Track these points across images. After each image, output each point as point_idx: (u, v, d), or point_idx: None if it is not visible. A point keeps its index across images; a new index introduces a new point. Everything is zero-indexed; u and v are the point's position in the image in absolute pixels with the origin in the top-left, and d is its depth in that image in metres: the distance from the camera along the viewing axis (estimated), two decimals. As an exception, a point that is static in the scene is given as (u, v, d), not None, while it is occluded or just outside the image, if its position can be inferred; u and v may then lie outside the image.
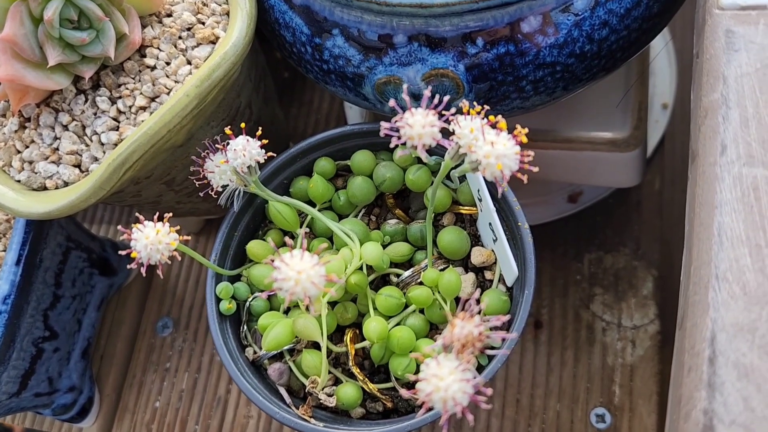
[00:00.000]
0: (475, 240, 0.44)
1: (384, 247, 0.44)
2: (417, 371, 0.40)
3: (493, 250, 0.42)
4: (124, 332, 0.63)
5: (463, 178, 0.44)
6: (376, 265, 0.42)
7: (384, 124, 0.32)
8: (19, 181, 0.44)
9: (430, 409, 0.28)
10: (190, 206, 0.54)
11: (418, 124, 0.32)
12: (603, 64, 0.40)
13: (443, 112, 0.32)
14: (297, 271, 0.30)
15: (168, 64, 0.43)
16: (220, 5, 0.45)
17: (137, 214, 0.36)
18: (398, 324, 0.41)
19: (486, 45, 0.38)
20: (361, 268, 0.42)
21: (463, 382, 0.28)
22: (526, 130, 0.32)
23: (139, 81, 0.43)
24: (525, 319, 0.39)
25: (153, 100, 0.43)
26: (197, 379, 0.60)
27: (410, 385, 0.41)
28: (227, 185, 0.43)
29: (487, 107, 0.33)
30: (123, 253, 0.35)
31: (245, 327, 0.44)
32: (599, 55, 0.40)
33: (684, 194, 0.59)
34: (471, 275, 0.43)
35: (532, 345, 0.57)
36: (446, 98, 0.32)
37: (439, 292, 0.41)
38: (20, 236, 0.49)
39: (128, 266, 0.34)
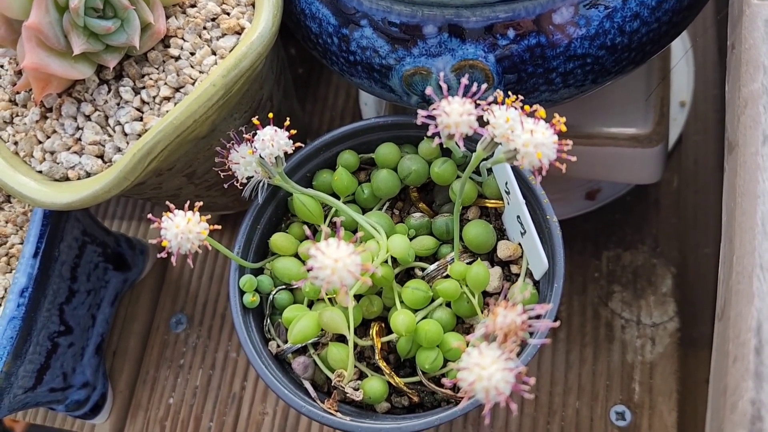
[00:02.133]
0: (501, 234, 0.44)
1: (409, 240, 0.43)
2: (444, 365, 0.40)
3: (519, 244, 0.42)
4: (137, 328, 0.62)
5: (490, 171, 0.43)
6: (402, 258, 0.41)
7: (421, 112, 0.32)
8: (40, 171, 0.43)
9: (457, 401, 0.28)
10: (207, 200, 0.53)
11: (455, 112, 0.32)
12: (633, 57, 0.40)
13: (478, 102, 0.32)
14: (334, 259, 0.30)
15: (192, 54, 0.43)
16: (245, -5, 0.44)
17: (168, 203, 0.35)
18: (425, 317, 0.41)
19: (517, 36, 0.38)
20: (386, 261, 0.42)
21: (506, 371, 0.27)
22: (564, 119, 0.31)
23: (163, 71, 0.43)
24: (555, 312, 0.39)
25: (177, 90, 0.42)
26: (211, 376, 0.60)
27: (436, 380, 0.41)
28: (251, 177, 0.42)
29: (521, 96, 0.32)
30: (153, 242, 0.34)
31: (268, 320, 0.44)
32: (630, 47, 0.39)
33: (699, 194, 0.59)
34: (497, 269, 0.42)
35: (550, 342, 0.56)
36: (484, 86, 0.32)
37: (466, 285, 0.41)
38: (38, 228, 0.48)
39: (158, 255, 0.34)
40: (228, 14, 0.44)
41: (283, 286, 0.44)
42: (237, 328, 0.42)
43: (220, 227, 0.36)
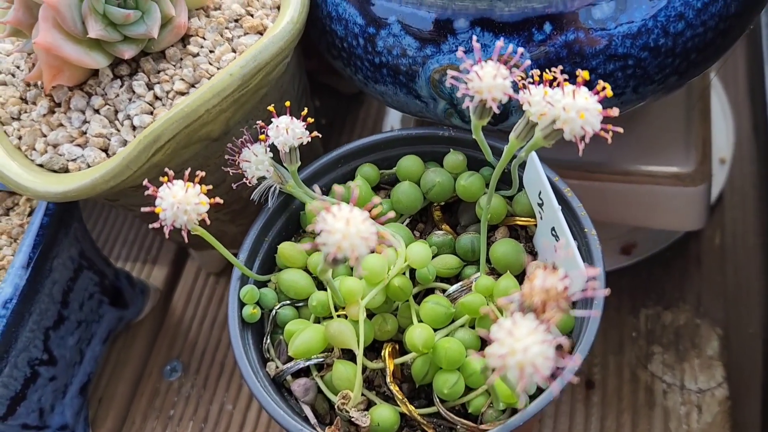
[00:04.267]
0: (532, 257, 0.39)
1: (430, 252, 0.39)
2: (466, 392, 0.35)
3: (553, 264, 0.38)
4: (128, 374, 0.57)
5: (521, 187, 0.40)
6: (421, 266, 0.37)
7: (451, 72, 0.29)
8: (41, 165, 0.41)
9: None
10: (215, 227, 0.50)
11: (488, 76, 0.29)
12: (677, 65, 0.38)
13: (513, 70, 0.29)
14: (345, 221, 0.26)
15: (212, 52, 0.41)
16: (270, -1, 0.43)
17: (167, 170, 0.32)
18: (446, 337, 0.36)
19: (553, 31, 0.36)
20: (405, 274, 0.37)
21: (545, 345, 0.23)
22: (609, 87, 0.28)
23: (180, 67, 0.41)
24: (595, 331, 0.34)
25: (192, 86, 0.40)
26: (203, 429, 0.54)
27: (456, 411, 0.36)
28: (263, 179, 0.39)
29: (561, 67, 0.30)
30: (146, 210, 0.31)
31: (269, 339, 0.39)
32: (674, 52, 0.37)
33: (744, 252, 0.55)
34: (527, 292, 0.38)
35: (583, 407, 0.50)
36: (520, 50, 0.29)
37: (493, 303, 0.36)
38: (32, 239, 0.45)
39: (150, 226, 0.30)
40: (252, 15, 0.42)
41: (288, 302, 0.39)
42: (233, 343, 0.37)
43: (221, 201, 0.33)
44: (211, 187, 0.32)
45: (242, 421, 0.54)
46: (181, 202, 0.30)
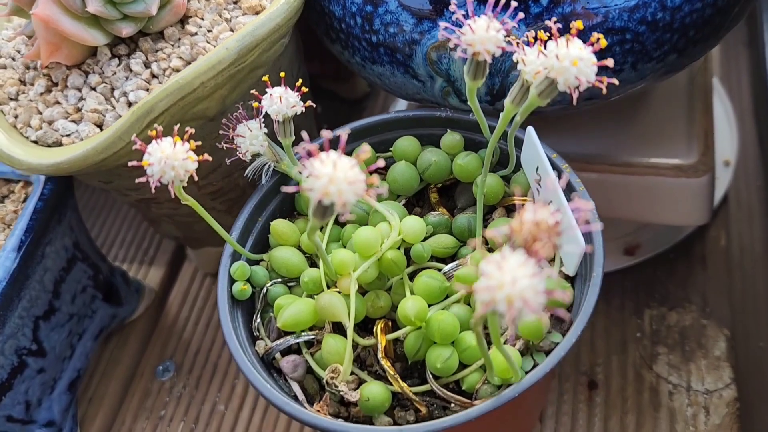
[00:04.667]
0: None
1: (425, 239, 0.38)
2: (460, 369, 0.34)
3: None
4: (120, 373, 0.56)
5: (518, 167, 0.39)
6: (416, 248, 0.36)
7: (443, 23, 0.29)
8: (36, 141, 0.40)
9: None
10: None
11: (481, 28, 0.28)
12: (675, 41, 0.37)
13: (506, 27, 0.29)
14: (332, 164, 0.26)
15: (210, 31, 0.41)
16: (270, -18, 0.43)
17: (156, 126, 0.32)
18: (439, 312, 0.35)
19: (550, 3, 0.36)
20: (399, 249, 0.37)
21: (535, 278, 0.22)
22: (603, 37, 0.28)
23: (178, 47, 0.41)
24: (593, 303, 0.33)
25: (189, 63, 0.40)
26: (193, 430, 0.52)
27: (451, 389, 0.34)
28: (258, 157, 0.39)
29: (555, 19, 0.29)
30: (133, 163, 0.30)
31: (258, 318, 0.38)
32: (671, 27, 0.37)
33: (750, 253, 0.54)
34: (525, 270, 0.37)
35: (585, 407, 0.48)
36: (513, 4, 0.29)
37: (488, 276, 0.35)
38: (25, 222, 0.45)
39: (136, 180, 0.29)
40: (251, -3, 0.42)
41: (280, 280, 0.38)
42: (222, 320, 0.36)
43: (210, 159, 0.32)
44: (200, 143, 0.31)
45: (234, 422, 0.52)
46: (169, 157, 0.30)
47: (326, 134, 0.26)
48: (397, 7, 0.38)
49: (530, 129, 0.36)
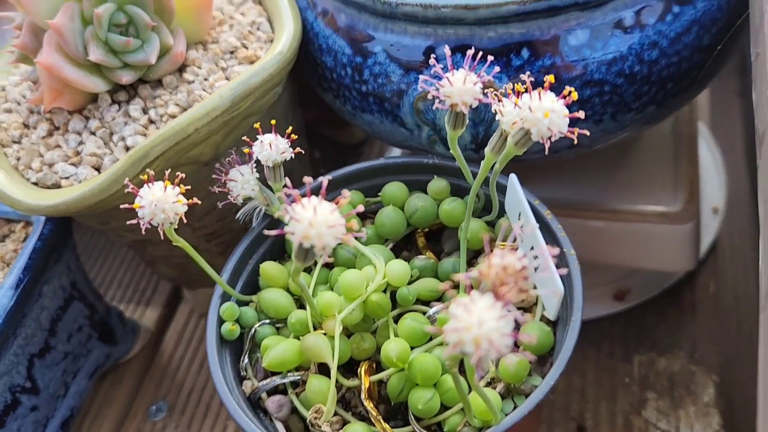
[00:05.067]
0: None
1: (411, 282, 0.39)
2: (442, 411, 0.34)
3: (534, 286, 0.38)
4: (113, 412, 0.56)
5: (502, 213, 0.40)
6: (401, 291, 0.37)
7: (423, 77, 0.30)
8: (36, 183, 0.42)
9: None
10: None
11: (458, 81, 0.30)
12: (653, 93, 0.39)
13: (485, 86, 0.30)
14: (312, 210, 0.27)
15: (206, 80, 0.43)
16: (265, 33, 0.45)
17: (147, 172, 0.33)
18: (422, 354, 0.35)
19: (531, 56, 0.37)
20: (385, 292, 0.37)
21: (502, 321, 0.22)
22: (574, 90, 0.29)
23: (175, 94, 0.42)
24: (572, 347, 0.33)
25: (185, 110, 0.42)
26: (184, 471, 0.52)
27: (433, 431, 0.35)
28: (249, 200, 0.40)
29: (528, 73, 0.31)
30: (125, 206, 0.31)
31: (246, 358, 0.39)
32: (649, 79, 0.38)
33: (739, 301, 0.54)
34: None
35: (574, 450, 0.48)
36: (490, 58, 0.30)
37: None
38: (24, 261, 0.46)
39: (128, 222, 0.31)
40: (246, 48, 0.44)
41: (268, 321, 0.39)
42: (210, 359, 0.37)
43: (199, 203, 0.33)
44: (189, 187, 0.33)
45: (224, 463, 0.52)
46: (160, 200, 0.31)
47: (308, 180, 0.28)
48: (385, 59, 0.40)
49: (512, 176, 0.37)
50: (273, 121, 0.38)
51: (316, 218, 0.27)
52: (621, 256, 0.49)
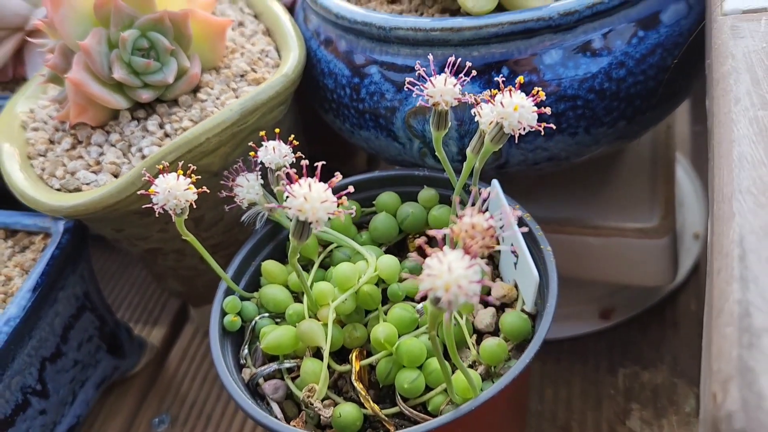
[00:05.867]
0: (499, 279, 0.42)
1: (402, 281, 0.42)
2: (426, 392, 0.37)
3: (516, 284, 0.41)
4: (117, 423, 0.58)
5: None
6: (392, 287, 0.40)
7: (408, 79, 0.34)
8: (59, 189, 0.45)
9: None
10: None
11: (440, 82, 0.34)
12: (623, 109, 0.43)
13: (468, 94, 0.34)
14: (308, 187, 0.30)
15: (218, 98, 0.47)
16: (273, 60, 0.50)
17: (163, 164, 0.37)
18: (409, 341, 0.38)
19: (510, 74, 0.41)
20: (377, 286, 0.40)
21: (470, 270, 0.26)
22: (541, 90, 0.33)
23: (189, 111, 0.47)
24: (546, 328, 0.36)
25: (197, 123, 0.46)
26: (184, 479, 0.54)
27: (418, 411, 0.37)
28: (254, 205, 0.44)
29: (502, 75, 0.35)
30: (142, 192, 0.35)
31: (246, 348, 0.41)
32: (618, 96, 0.42)
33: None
34: (491, 309, 0.40)
35: (560, 459, 0.50)
36: (468, 64, 0.34)
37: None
38: (42, 267, 0.49)
39: (143, 207, 0.34)
40: (255, 71, 0.49)
41: (267, 314, 0.42)
42: (212, 348, 0.40)
43: (208, 191, 0.37)
44: (199, 177, 0.36)
45: (223, 472, 0.54)
46: (173, 188, 0.35)
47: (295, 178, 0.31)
48: (380, 79, 0.44)
49: (494, 181, 0.41)
50: (277, 130, 0.42)
51: (310, 194, 0.30)
52: (603, 270, 0.52)
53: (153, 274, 0.59)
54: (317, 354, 0.39)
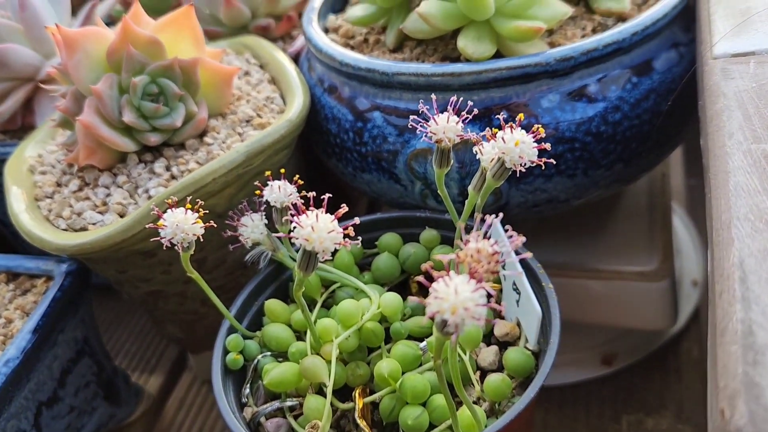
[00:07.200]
0: (499, 318, 0.42)
1: (404, 320, 0.42)
2: (430, 428, 0.36)
3: (518, 323, 0.41)
4: (112, 474, 0.57)
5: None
6: (394, 325, 0.40)
7: (413, 117, 0.35)
8: (65, 229, 0.46)
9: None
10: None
11: (443, 121, 0.35)
12: (620, 151, 0.44)
13: (471, 133, 0.35)
14: (315, 218, 0.31)
15: (224, 142, 0.48)
16: (278, 106, 0.51)
17: (171, 198, 0.37)
18: (412, 377, 0.38)
19: (509, 117, 0.43)
20: (381, 324, 0.40)
21: (476, 293, 0.26)
22: (542, 127, 0.34)
23: (196, 153, 0.48)
24: (550, 363, 0.36)
25: (203, 165, 0.47)
26: None
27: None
28: (258, 245, 0.44)
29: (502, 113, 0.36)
30: (150, 226, 0.36)
31: (248, 387, 0.41)
32: (614, 139, 0.43)
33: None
34: (494, 347, 0.40)
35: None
36: (469, 103, 0.35)
37: (459, 344, 0.39)
38: (44, 308, 0.49)
39: (152, 239, 0.35)
40: (260, 117, 0.50)
41: (270, 353, 0.42)
42: (214, 386, 0.40)
43: (215, 226, 0.37)
44: (207, 212, 0.37)
45: None
46: (181, 221, 0.35)
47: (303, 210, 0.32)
48: (382, 122, 0.45)
49: (496, 221, 0.41)
50: (282, 170, 0.43)
51: (317, 224, 0.31)
52: (603, 314, 0.53)
53: (153, 319, 0.58)
54: (320, 392, 0.39)
